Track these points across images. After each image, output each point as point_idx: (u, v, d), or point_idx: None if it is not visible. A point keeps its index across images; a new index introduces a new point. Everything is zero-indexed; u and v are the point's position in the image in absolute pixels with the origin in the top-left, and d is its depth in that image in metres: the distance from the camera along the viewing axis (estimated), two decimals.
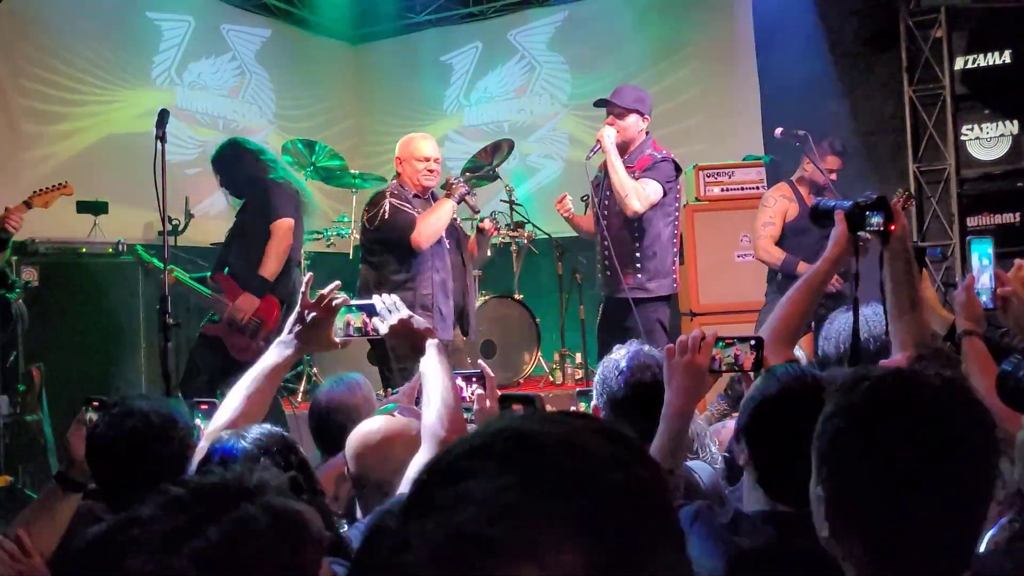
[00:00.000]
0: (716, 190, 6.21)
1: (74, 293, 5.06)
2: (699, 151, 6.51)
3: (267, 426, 1.37)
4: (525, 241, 6.48)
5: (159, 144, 3.54)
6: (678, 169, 4.36)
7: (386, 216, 4.10)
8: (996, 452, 1.13)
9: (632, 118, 4.32)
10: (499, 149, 6.45)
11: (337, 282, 1.96)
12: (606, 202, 4.35)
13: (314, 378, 5.70)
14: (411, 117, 8.65)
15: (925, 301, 2.83)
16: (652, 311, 4.28)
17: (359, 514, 1.94)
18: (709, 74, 7.55)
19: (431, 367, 1.74)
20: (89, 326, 5.07)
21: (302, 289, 1.93)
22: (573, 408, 2.96)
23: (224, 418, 1.72)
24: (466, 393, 2.02)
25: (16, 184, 5.32)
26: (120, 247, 5.25)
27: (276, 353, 1.84)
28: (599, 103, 4.42)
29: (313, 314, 1.85)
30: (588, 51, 8.08)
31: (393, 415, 1.97)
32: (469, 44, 8.61)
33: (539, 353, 6.21)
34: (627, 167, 4.22)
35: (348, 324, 1.86)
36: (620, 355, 2.23)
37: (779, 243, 5.15)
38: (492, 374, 2.03)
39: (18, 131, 6.15)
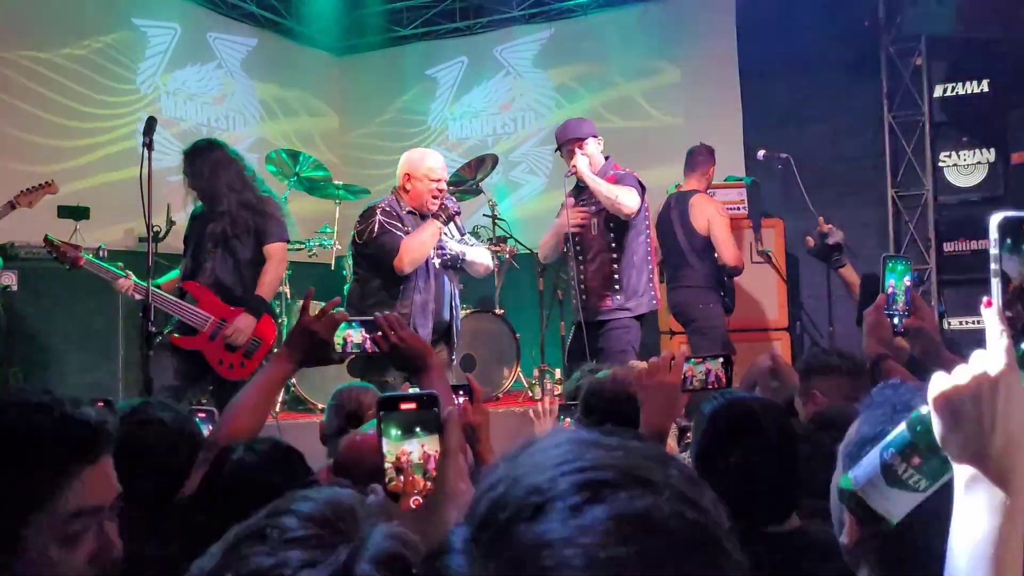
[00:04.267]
0: None
1: (53, 298, 5.02)
2: (680, 171, 6.56)
3: (273, 438, 1.37)
4: (507, 256, 6.50)
5: (145, 151, 3.53)
6: (642, 186, 4.48)
7: (374, 234, 4.05)
8: None
9: (591, 143, 4.48)
10: (483, 164, 6.49)
11: (337, 298, 1.97)
12: (580, 226, 4.44)
13: (293, 388, 5.67)
14: (396, 130, 8.67)
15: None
16: (625, 332, 4.36)
17: None
18: (692, 95, 7.63)
19: (434, 388, 1.73)
20: (67, 332, 5.04)
21: (302, 303, 1.93)
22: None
23: (225, 430, 1.73)
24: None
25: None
26: (100, 253, 5.21)
27: (276, 367, 1.84)
28: (559, 149, 4.57)
29: (313, 329, 1.85)
30: (573, 69, 8.15)
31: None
32: (455, 59, 8.66)
33: (518, 368, 6.21)
34: None
35: (347, 340, 1.85)
36: (603, 373, 2.25)
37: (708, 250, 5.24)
38: (479, 387, 2.04)
39: (1, 138, 6.10)
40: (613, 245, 4.36)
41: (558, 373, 6.15)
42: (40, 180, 4.62)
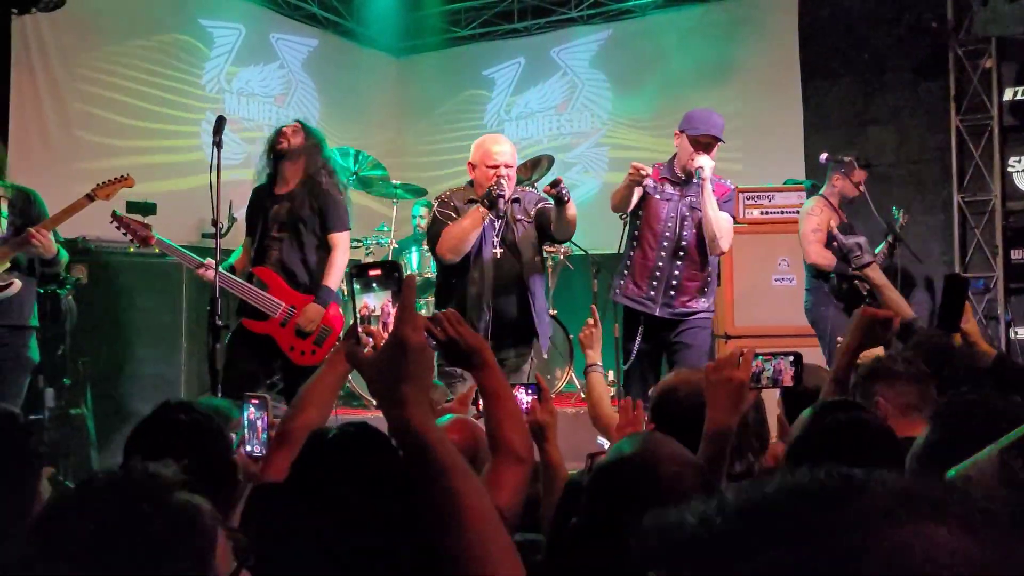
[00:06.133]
0: (755, 213, 6.18)
1: (120, 291, 5.15)
2: (739, 173, 6.49)
3: (364, 422, 1.40)
4: (561, 257, 6.49)
5: (215, 149, 3.61)
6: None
7: (427, 223, 4.12)
8: None
9: (716, 147, 4.37)
10: (538, 164, 6.46)
11: None
12: (684, 222, 4.28)
13: (349, 384, 5.73)
14: (452, 130, 8.72)
15: (968, 334, 2.78)
16: (707, 332, 4.37)
17: None
18: (752, 96, 7.53)
19: (491, 384, 1.72)
20: (134, 324, 5.16)
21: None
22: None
23: (297, 420, 1.77)
24: (524, 403, 2.05)
25: (72, 185, 5.40)
26: None
27: (341, 363, 1.87)
28: (683, 131, 4.43)
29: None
30: (630, 70, 8.10)
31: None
32: (512, 59, 8.67)
33: (571, 370, 6.20)
34: None
35: None
36: (673, 375, 2.23)
37: None
38: (547, 387, 2.04)
39: (74, 135, 6.28)
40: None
41: (611, 375, 6.12)
42: (108, 175, 4.73)
